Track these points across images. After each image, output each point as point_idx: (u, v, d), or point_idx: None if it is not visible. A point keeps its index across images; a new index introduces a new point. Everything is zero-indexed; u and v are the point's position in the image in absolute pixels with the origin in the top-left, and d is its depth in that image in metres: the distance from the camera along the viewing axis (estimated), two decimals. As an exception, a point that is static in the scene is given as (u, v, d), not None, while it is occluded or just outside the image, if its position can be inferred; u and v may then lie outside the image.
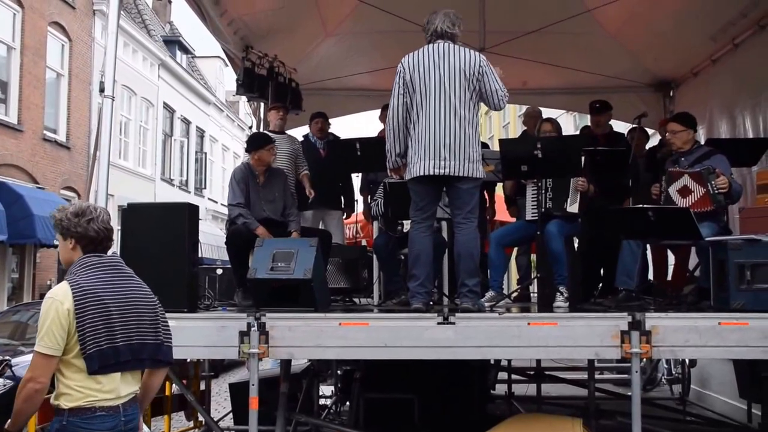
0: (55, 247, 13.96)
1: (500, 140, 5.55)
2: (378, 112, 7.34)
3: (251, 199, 5.39)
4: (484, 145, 7.19)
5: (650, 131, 7.30)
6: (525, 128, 7.30)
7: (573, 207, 5.17)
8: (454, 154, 4.31)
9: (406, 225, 5.62)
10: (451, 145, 4.31)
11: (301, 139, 7.19)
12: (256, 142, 5.61)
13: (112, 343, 2.74)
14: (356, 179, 7.71)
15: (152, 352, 2.90)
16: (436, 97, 4.35)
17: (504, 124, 21.25)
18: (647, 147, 6.75)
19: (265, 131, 6.55)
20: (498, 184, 6.45)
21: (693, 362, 7.56)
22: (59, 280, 15.62)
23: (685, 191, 4.89)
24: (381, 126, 7.19)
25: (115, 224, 4.67)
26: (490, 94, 4.39)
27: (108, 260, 2.89)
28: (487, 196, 6.77)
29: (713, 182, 4.76)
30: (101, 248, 2.89)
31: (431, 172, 4.34)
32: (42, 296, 14.59)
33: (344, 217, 7.61)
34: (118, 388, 2.78)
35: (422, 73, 4.39)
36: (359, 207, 7.63)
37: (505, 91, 4.46)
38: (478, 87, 4.38)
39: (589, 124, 7.02)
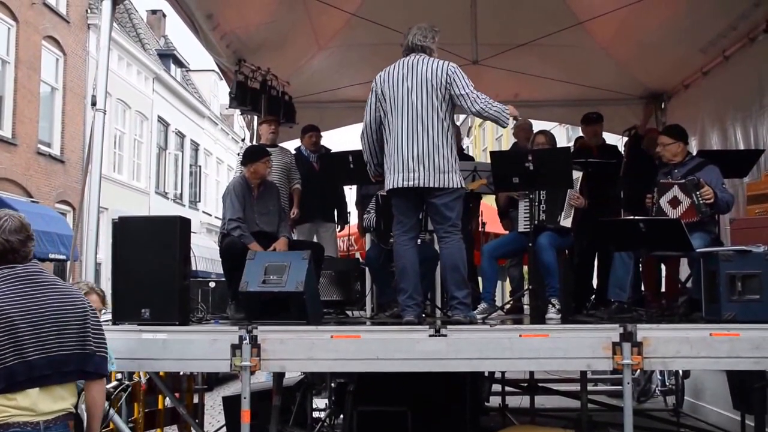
0: (51, 260, 13.93)
1: (491, 153, 5.58)
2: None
3: (245, 212, 5.39)
4: (469, 158, 7.23)
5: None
6: (516, 140, 7.33)
7: (566, 221, 5.18)
8: (423, 166, 4.31)
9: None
10: (419, 156, 4.31)
11: (293, 152, 7.22)
12: (252, 155, 5.63)
13: (22, 358, 2.62)
14: (350, 192, 7.72)
15: (79, 364, 2.76)
16: (403, 109, 4.38)
17: (497, 136, 21.33)
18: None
19: (258, 144, 6.56)
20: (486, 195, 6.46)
21: (687, 373, 7.56)
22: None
23: (674, 202, 4.93)
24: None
25: (108, 237, 4.68)
26: (461, 99, 4.36)
27: (20, 271, 2.74)
28: (483, 207, 6.78)
29: (698, 193, 4.80)
30: (9, 260, 2.74)
31: (401, 185, 4.36)
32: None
33: (339, 229, 7.61)
34: (36, 404, 2.65)
35: (391, 86, 4.43)
36: (353, 219, 7.63)
37: (478, 95, 4.37)
38: (449, 95, 4.37)
39: (581, 134, 7.07)
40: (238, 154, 6.41)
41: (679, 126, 5.36)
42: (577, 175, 5.19)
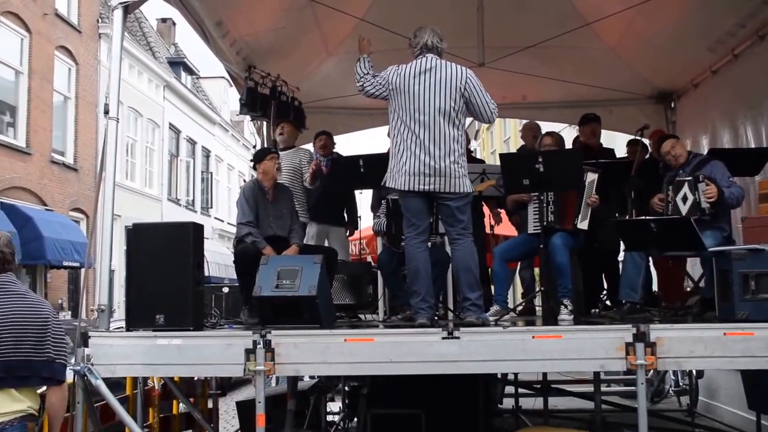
0: (65, 267, 14.06)
1: (501, 155, 5.57)
2: (383, 128, 7.40)
3: (260, 216, 5.40)
4: (479, 161, 7.23)
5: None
6: (523, 143, 7.33)
7: (583, 223, 5.16)
8: (439, 171, 4.35)
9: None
10: (436, 161, 4.35)
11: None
12: (257, 155, 5.71)
13: None
14: (361, 196, 7.72)
15: (37, 370, 2.91)
16: (420, 111, 4.39)
17: (505, 138, 21.29)
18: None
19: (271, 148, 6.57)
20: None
21: (701, 373, 7.52)
22: (70, 300, 15.71)
23: (685, 199, 4.94)
24: (387, 142, 7.24)
25: (121, 244, 4.72)
26: (478, 107, 4.44)
27: None
28: (487, 210, 6.78)
29: (700, 191, 4.80)
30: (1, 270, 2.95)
31: (417, 188, 4.38)
32: (51, 317, 14.68)
33: (348, 234, 7.63)
34: None
35: (407, 87, 4.43)
36: (362, 224, 7.64)
37: (495, 104, 4.50)
38: (464, 102, 4.41)
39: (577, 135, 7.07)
40: (251, 161, 6.44)
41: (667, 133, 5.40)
42: (593, 177, 5.19)
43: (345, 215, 7.35)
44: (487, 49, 6.81)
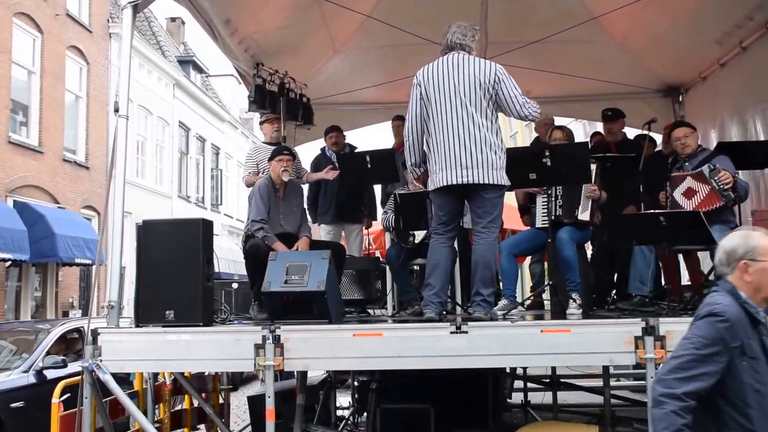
0: (77, 265, 14.19)
1: (507, 149, 5.55)
2: (388, 124, 7.42)
3: (270, 214, 5.44)
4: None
5: (657, 137, 7.26)
6: (537, 135, 7.32)
7: (584, 214, 5.17)
8: (476, 162, 4.28)
9: (418, 236, 5.66)
10: (472, 153, 4.28)
11: (318, 152, 7.31)
12: (271, 155, 5.72)
13: None
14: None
15: None
16: (451, 107, 4.33)
17: (512, 134, 21.19)
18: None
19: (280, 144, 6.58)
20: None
21: (711, 367, 7.47)
22: (81, 298, 15.79)
23: (689, 193, 4.91)
24: (391, 138, 7.26)
25: (132, 241, 4.76)
26: (507, 102, 4.34)
27: None
28: None
29: (716, 178, 4.78)
30: None
31: (453, 182, 4.31)
32: (65, 314, 14.69)
33: (366, 226, 7.64)
34: None
35: (436, 84, 4.39)
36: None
37: (527, 100, 4.38)
38: (495, 96, 4.35)
39: (599, 130, 7.04)
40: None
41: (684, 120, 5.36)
42: (592, 168, 5.19)
43: (362, 210, 7.35)
44: (491, 44, 6.81)
